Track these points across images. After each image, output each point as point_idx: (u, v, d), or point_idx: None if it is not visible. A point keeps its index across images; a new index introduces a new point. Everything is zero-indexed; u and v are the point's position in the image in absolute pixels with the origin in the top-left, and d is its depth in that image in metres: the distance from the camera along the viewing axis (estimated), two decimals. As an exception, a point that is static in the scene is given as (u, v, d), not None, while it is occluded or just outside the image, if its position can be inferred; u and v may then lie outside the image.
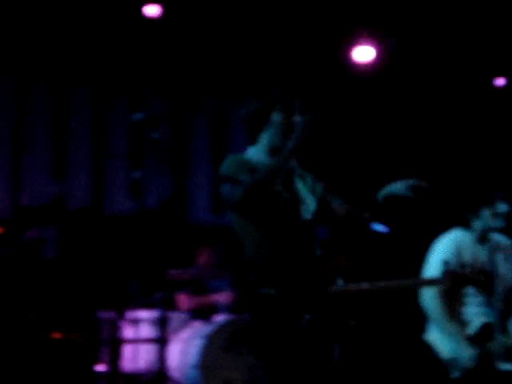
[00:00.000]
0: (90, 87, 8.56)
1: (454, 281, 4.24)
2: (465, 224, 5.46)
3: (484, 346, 5.27)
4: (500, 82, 9.09)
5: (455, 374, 5.26)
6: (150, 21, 8.01)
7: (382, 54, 8.75)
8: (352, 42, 8.73)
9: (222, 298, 7.53)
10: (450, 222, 5.54)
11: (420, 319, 5.54)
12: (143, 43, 8.33)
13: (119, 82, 8.58)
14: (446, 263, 4.40)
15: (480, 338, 5.29)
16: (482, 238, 5.46)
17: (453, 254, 5.35)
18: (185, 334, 7.00)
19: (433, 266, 5.39)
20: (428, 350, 5.39)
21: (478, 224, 5.43)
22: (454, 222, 5.53)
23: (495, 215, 5.37)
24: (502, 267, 5.49)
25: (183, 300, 7.50)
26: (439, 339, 5.37)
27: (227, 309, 7.51)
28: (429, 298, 5.37)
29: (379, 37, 8.70)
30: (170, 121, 8.73)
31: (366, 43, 8.70)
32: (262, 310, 3.89)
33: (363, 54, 8.78)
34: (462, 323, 5.36)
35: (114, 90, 8.63)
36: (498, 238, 5.54)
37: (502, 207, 5.35)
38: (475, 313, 5.38)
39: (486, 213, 5.39)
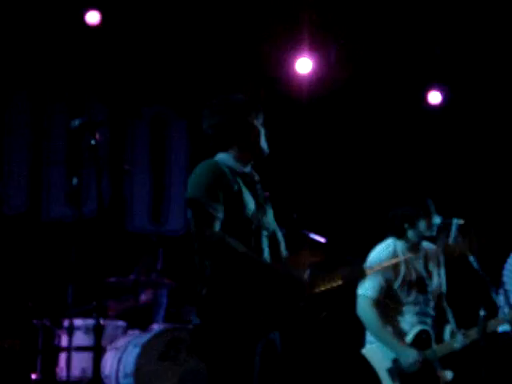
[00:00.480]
0: (28, 92, 8.48)
1: None
2: (399, 233, 5.54)
3: (422, 353, 5.35)
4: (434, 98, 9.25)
5: (398, 382, 5.32)
6: (90, 27, 7.99)
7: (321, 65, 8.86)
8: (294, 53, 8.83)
9: (144, 297, 7.52)
10: (383, 232, 5.63)
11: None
12: (82, 48, 8.30)
13: (58, 86, 8.52)
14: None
15: (417, 346, 5.37)
16: (415, 247, 5.56)
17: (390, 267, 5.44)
18: (120, 342, 6.96)
19: (371, 276, 5.45)
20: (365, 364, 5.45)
21: (412, 234, 5.52)
22: (388, 231, 5.61)
23: (430, 226, 5.47)
24: (435, 275, 5.59)
25: (111, 306, 7.47)
26: (377, 349, 5.42)
27: (162, 316, 7.52)
28: (364, 308, 5.44)
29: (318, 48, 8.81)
30: (110, 127, 8.68)
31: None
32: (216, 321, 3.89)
33: (304, 65, 8.88)
34: (400, 332, 5.43)
35: (52, 95, 8.56)
36: (427, 245, 5.65)
37: (437, 219, 5.45)
38: (412, 321, 5.46)
39: (423, 224, 5.48)
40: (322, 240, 7.44)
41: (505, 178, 9.03)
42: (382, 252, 5.52)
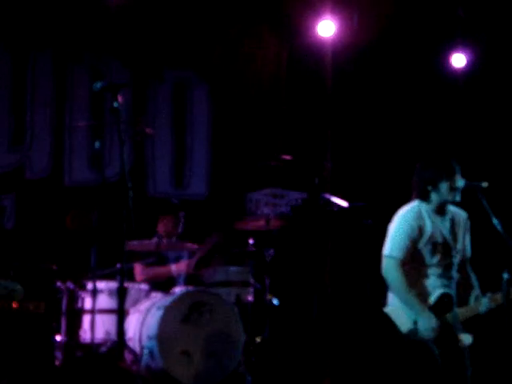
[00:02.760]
0: (52, 51, 8.46)
1: None
2: (423, 196, 5.53)
3: (443, 316, 5.36)
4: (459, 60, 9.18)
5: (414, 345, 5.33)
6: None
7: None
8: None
9: (177, 268, 7.56)
10: (408, 194, 5.62)
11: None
12: (106, 11, 8.27)
13: (80, 48, 8.50)
14: None
15: (439, 309, 5.38)
16: (441, 210, 5.54)
17: (415, 226, 5.44)
18: (143, 305, 7.01)
19: (394, 237, 5.46)
20: (388, 323, 5.46)
21: (436, 196, 5.50)
22: (413, 193, 5.60)
23: (453, 189, 5.45)
24: (460, 239, 5.58)
25: (138, 271, 7.52)
26: (400, 310, 5.43)
27: (184, 279, 7.56)
28: (390, 269, 5.44)
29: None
30: (132, 90, 8.67)
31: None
32: None
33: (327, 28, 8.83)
34: (423, 294, 5.43)
35: (74, 57, 8.54)
36: (454, 210, 5.63)
37: (460, 182, 5.42)
38: (435, 284, 5.47)
39: (445, 186, 5.46)
40: (345, 204, 7.45)
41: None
42: (408, 213, 5.51)
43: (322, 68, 9.09)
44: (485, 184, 5.18)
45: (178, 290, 7.18)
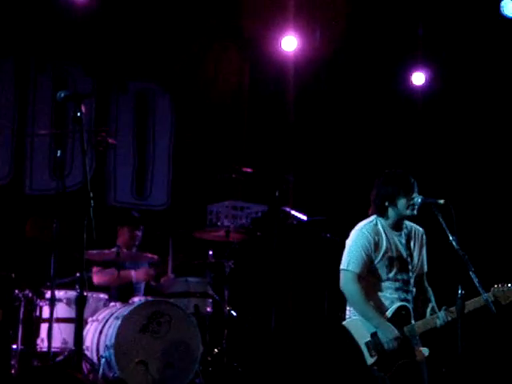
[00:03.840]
0: (14, 59, 8.43)
1: None
2: (380, 211, 5.61)
3: (401, 330, 5.42)
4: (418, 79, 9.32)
5: (373, 358, 5.39)
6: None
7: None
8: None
9: (137, 275, 7.56)
10: (367, 210, 5.69)
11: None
12: (70, 20, 8.26)
13: (44, 57, 8.47)
14: None
15: (396, 322, 5.44)
16: (397, 226, 5.62)
17: (372, 241, 5.51)
18: (102, 314, 7.00)
19: (352, 251, 5.54)
20: (347, 336, 5.51)
21: (393, 212, 5.58)
22: (371, 209, 5.68)
23: (410, 205, 5.52)
24: (416, 254, 5.65)
25: (97, 273, 7.50)
26: (359, 323, 5.49)
27: (143, 289, 7.56)
28: (347, 283, 5.50)
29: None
30: (95, 100, 8.66)
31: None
32: None
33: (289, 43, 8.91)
34: (380, 308, 5.49)
35: (38, 66, 8.51)
36: (412, 226, 5.71)
37: (417, 198, 5.50)
38: (392, 298, 5.52)
39: (402, 202, 5.54)
40: (304, 217, 7.51)
41: (488, 159, 9.11)
42: (365, 228, 5.58)
43: (283, 82, 9.16)
44: (441, 201, 5.25)
45: (136, 299, 7.18)
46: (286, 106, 9.16)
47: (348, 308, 5.63)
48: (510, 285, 5.43)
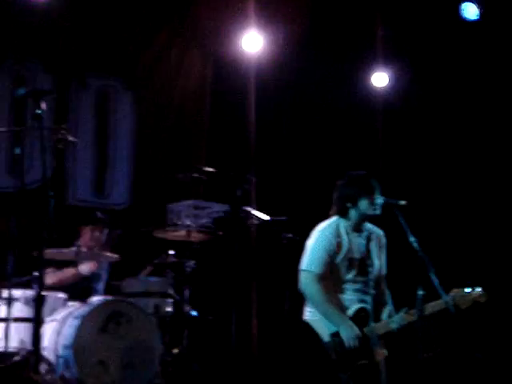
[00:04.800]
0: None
1: None
2: (342, 212, 5.61)
3: (360, 330, 5.43)
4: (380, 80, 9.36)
5: (334, 356, 5.39)
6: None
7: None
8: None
9: (86, 267, 7.49)
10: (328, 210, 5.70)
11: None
12: (31, 16, 8.17)
13: (2, 53, 8.36)
14: None
15: (356, 323, 5.45)
16: (358, 227, 5.64)
17: (333, 242, 5.51)
18: (60, 314, 6.92)
19: (313, 252, 5.53)
20: (309, 330, 5.51)
21: (354, 213, 5.59)
22: (332, 210, 5.69)
23: (372, 206, 5.54)
24: (375, 255, 5.67)
25: (48, 274, 7.41)
26: (318, 323, 5.48)
27: (103, 289, 7.50)
28: (308, 283, 5.49)
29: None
30: (54, 97, 8.56)
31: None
32: None
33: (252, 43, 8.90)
34: (340, 308, 5.50)
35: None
36: (371, 227, 5.73)
37: (379, 199, 5.51)
38: (352, 299, 5.54)
39: (364, 203, 5.56)
40: (266, 217, 7.50)
41: (449, 160, 9.18)
42: (326, 229, 5.59)
43: (246, 81, 9.15)
44: (403, 202, 5.27)
45: (95, 299, 7.12)
46: (248, 106, 9.14)
47: (307, 309, 5.63)
48: (468, 289, 5.47)
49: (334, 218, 5.66)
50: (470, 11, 8.90)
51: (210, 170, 7.61)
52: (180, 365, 7.24)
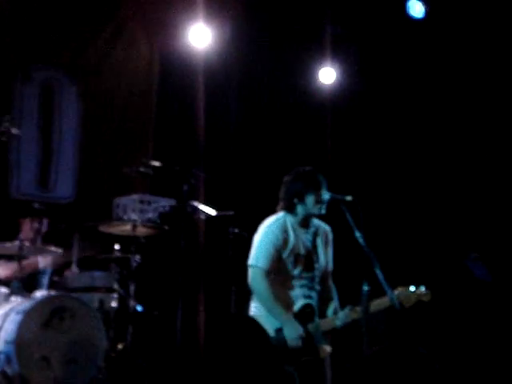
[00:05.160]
0: None
1: None
2: (289, 208, 5.62)
3: (305, 327, 5.44)
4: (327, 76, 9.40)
5: (279, 350, 5.39)
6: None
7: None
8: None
9: (42, 260, 7.40)
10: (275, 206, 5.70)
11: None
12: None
13: None
14: None
15: (301, 319, 5.46)
16: (305, 223, 5.64)
17: (280, 237, 5.51)
18: (2, 309, 6.82)
19: (260, 247, 5.52)
20: (255, 325, 5.50)
21: (301, 209, 5.60)
22: (279, 205, 5.69)
23: (318, 202, 5.55)
24: (321, 251, 5.69)
25: (3, 267, 7.32)
26: (264, 319, 5.48)
27: (47, 283, 7.41)
28: (255, 278, 5.49)
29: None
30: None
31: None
32: None
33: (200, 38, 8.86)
34: (286, 304, 5.50)
35: None
36: (318, 223, 5.74)
37: (325, 195, 5.53)
38: (298, 295, 5.55)
39: (311, 199, 5.56)
40: (213, 212, 7.48)
41: (395, 157, 9.26)
42: (273, 224, 5.59)
43: (194, 76, 9.10)
44: (349, 198, 5.29)
45: (39, 294, 7.03)
46: (196, 100, 9.10)
47: (254, 304, 5.62)
48: (412, 288, 5.51)
49: (280, 214, 5.66)
50: (416, 9, 8.98)
51: (157, 164, 7.55)
52: (124, 360, 7.19)
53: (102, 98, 9.03)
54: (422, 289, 5.54)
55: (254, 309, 5.60)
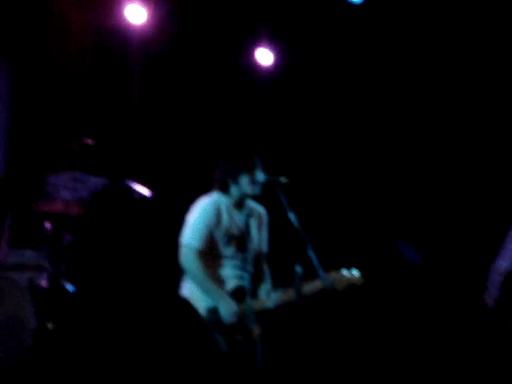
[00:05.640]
0: None
1: None
2: (223, 189, 5.62)
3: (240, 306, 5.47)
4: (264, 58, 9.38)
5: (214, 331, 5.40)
6: None
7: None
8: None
9: None
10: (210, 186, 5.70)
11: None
12: None
13: None
14: None
15: (233, 300, 5.47)
16: (239, 204, 5.65)
17: (213, 216, 5.50)
18: None
19: (192, 227, 5.50)
20: (186, 305, 5.50)
21: (236, 190, 5.60)
22: (214, 185, 5.69)
23: (252, 183, 5.56)
24: (255, 233, 5.70)
25: None
26: (196, 299, 5.47)
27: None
28: (187, 258, 5.48)
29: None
30: None
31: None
32: None
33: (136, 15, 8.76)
34: (219, 284, 5.50)
35: None
36: (253, 205, 5.75)
37: (260, 176, 5.53)
38: (230, 275, 5.56)
39: (245, 180, 5.57)
40: (147, 192, 7.43)
41: (330, 139, 9.31)
42: (207, 204, 5.59)
43: (129, 53, 9.01)
44: (284, 179, 5.30)
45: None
46: (131, 78, 9.01)
47: (185, 284, 5.62)
48: (345, 271, 5.57)
49: (214, 194, 5.66)
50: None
51: (91, 142, 7.46)
52: (54, 340, 7.12)
53: (34, 74, 8.86)
54: (355, 272, 5.61)
55: (186, 289, 5.60)
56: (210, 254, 5.55)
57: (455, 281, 8.32)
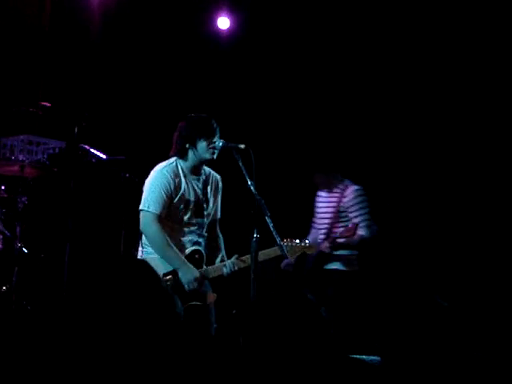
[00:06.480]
0: None
1: None
2: (181, 153, 5.61)
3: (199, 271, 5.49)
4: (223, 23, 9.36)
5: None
6: None
7: None
8: None
9: None
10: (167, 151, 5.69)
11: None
12: None
13: None
14: None
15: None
16: (196, 170, 5.65)
17: (171, 182, 5.51)
18: None
19: (151, 192, 5.50)
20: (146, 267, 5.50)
21: (192, 155, 5.60)
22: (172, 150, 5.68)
23: (210, 148, 5.56)
24: (211, 200, 5.72)
25: None
26: (155, 260, 5.48)
27: None
28: (147, 223, 5.48)
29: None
30: None
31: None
32: None
33: None
34: (178, 249, 5.52)
35: None
36: (210, 172, 5.77)
37: (218, 142, 5.54)
38: (187, 240, 5.59)
39: (202, 145, 5.57)
40: (103, 156, 7.39)
41: (290, 104, 9.30)
42: (165, 169, 5.58)
43: (89, 16, 8.90)
44: (242, 146, 5.30)
45: None
46: (90, 41, 8.91)
47: (140, 248, 5.63)
48: (297, 240, 5.63)
49: (172, 159, 5.66)
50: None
51: (47, 104, 7.38)
52: (8, 302, 7.09)
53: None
54: (307, 241, 5.69)
55: (143, 253, 5.61)
56: (168, 219, 5.55)
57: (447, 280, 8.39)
